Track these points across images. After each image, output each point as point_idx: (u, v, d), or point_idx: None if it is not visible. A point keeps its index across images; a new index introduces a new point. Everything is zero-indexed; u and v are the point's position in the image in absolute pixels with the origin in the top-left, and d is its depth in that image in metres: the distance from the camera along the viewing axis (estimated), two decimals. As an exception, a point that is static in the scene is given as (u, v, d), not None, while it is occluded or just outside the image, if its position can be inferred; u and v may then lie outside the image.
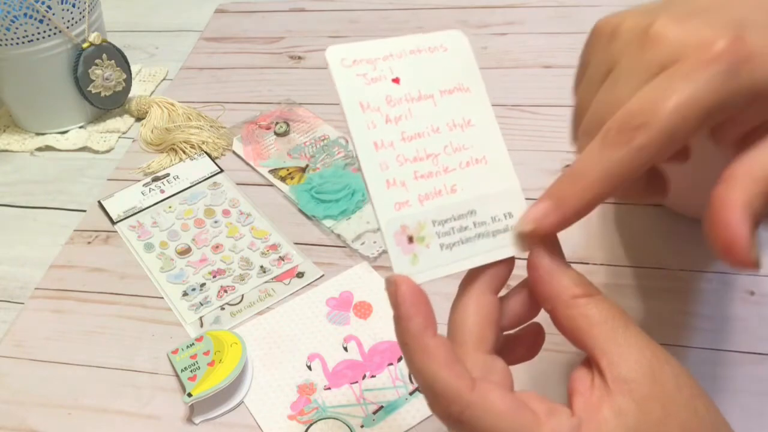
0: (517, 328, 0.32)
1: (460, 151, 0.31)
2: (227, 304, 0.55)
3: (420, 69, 0.32)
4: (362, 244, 0.58)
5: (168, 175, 0.67)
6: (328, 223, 0.60)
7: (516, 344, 0.32)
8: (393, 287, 0.29)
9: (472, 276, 0.30)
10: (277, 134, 0.70)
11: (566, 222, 0.30)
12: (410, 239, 0.30)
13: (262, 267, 0.58)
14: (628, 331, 0.28)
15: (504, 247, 0.31)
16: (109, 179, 0.69)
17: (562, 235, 0.28)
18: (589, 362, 0.29)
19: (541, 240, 0.30)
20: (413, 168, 0.30)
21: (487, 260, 0.30)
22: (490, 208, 0.31)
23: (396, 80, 0.31)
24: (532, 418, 0.27)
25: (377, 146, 0.30)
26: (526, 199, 0.59)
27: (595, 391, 0.28)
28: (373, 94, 0.31)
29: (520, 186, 0.32)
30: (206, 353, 0.49)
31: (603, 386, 0.28)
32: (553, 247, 0.30)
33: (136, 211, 0.64)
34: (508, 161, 0.32)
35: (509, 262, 0.31)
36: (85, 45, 0.71)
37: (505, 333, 0.32)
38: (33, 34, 0.68)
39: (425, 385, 0.28)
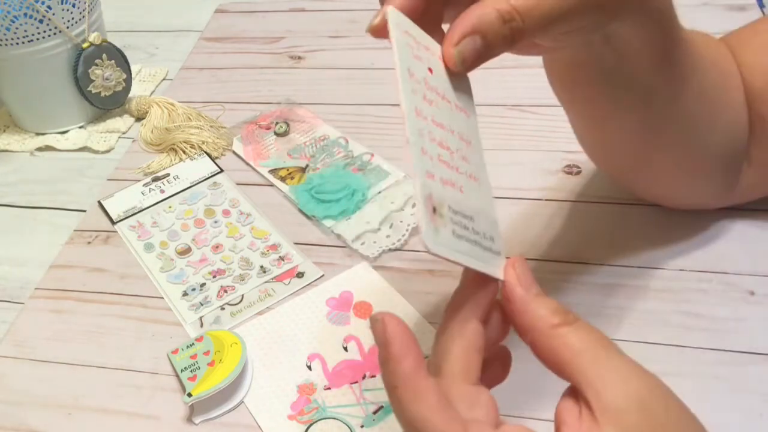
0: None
1: (466, 161, 0.31)
2: (227, 304, 0.55)
3: (444, 76, 0.32)
4: (362, 244, 0.58)
5: (168, 175, 0.67)
6: (328, 223, 0.60)
7: (486, 368, 0.31)
8: (380, 326, 0.27)
9: (456, 302, 0.30)
10: (277, 134, 0.70)
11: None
12: (434, 210, 0.29)
13: (262, 267, 0.58)
14: (611, 358, 0.28)
15: (491, 266, 0.30)
16: (109, 179, 0.69)
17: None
18: (575, 392, 0.29)
19: None
20: (438, 151, 0.30)
21: (482, 269, 0.30)
22: (482, 223, 0.31)
23: (430, 70, 0.31)
24: None
25: (417, 113, 0.29)
26: (527, 199, 0.59)
27: (583, 423, 0.28)
28: (417, 68, 0.30)
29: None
30: (206, 353, 0.49)
31: (590, 418, 0.27)
32: (525, 275, 0.30)
33: (136, 211, 0.64)
34: (491, 192, 0.33)
35: (493, 288, 0.30)
36: (85, 45, 0.71)
37: None
38: (33, 34, 0.68)
39: (415, 428, 0.27)
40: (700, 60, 0.43)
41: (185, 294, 0.56)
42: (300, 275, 0.57)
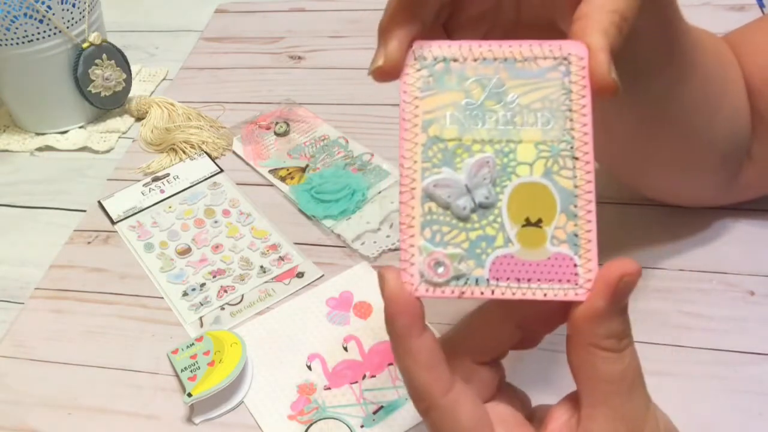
0: None
1: None
2: (227, 304, 0.55)
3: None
4: (362, 244, 0.58)
5: (168, 175, 0.67)
6: (328, 223, 0.60)
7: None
8: (381, 281, 0.29)
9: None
10: (277, 134, 0.70)
11: None
12: None
13: (262, 267, 0.58)
14: (628, 399, 0.28)
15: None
16: (109, 179, 0.69)
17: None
18: (576, 400, 0.29)
19: None
20: None
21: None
22: None
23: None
24: None
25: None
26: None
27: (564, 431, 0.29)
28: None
29: None
30: (206, 353, 0.49)
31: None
32: (614, 292, 0.29)
33: (136, 211, 0.64)
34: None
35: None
36: (85, 45, 0.71)
37: None
38: (33, 34, 0.68)
39: (405, 379, 0.29)
40: (702, 50, 0.43)
41: (185, 294, 0.56)
42: (300, 275, 0.57)
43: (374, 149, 0.66)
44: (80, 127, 0.75)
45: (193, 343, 0.51)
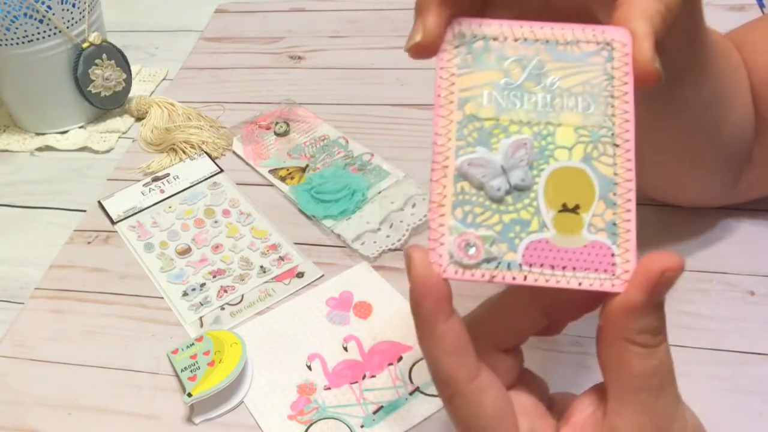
0: None
1: None
2: (227, 304, 0.55)
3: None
4: (362, 244, 0.58)
5: (168, 175, 0.67)
6: (328, 223, 0.60)
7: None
8: (407, 261, 0.27)
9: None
10: (277, 134, 0.70)
11: None
12: None
13: (262, 267, 0.58)
14: (658, 395, 0.27)
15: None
16: (109, 179, 0.69)
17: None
18: (601, 392, 0.28)
19: None
20: None
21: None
22: None
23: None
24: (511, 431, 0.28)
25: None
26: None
27: (587, 425, 0.28)
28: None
29: None
30: (206, 353, 0.49)
31: (598, 425, 0.28)
32: (655, 286, 0.29)
33: (136, 211, 0.64)
34: None
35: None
36: (85, 45, 0.71)
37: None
38: (33, 34, 0.68)
39: (429, 365, 0.28)
40: (717, 50, 0.43)
41: (185, 294, 0.56)
42: (300, 275, 0.57)
43: (374, 149, 0.66)
44: (80, 127, 0.75)
45: (193, 343, 0.51)
